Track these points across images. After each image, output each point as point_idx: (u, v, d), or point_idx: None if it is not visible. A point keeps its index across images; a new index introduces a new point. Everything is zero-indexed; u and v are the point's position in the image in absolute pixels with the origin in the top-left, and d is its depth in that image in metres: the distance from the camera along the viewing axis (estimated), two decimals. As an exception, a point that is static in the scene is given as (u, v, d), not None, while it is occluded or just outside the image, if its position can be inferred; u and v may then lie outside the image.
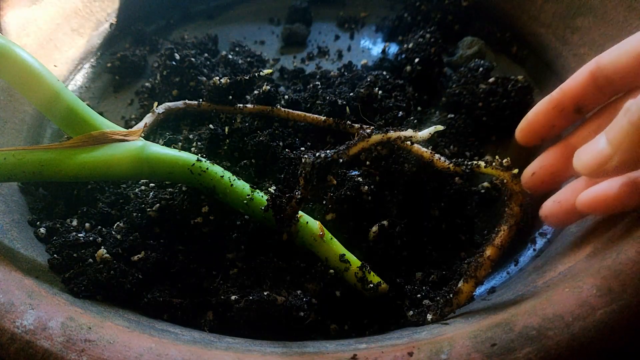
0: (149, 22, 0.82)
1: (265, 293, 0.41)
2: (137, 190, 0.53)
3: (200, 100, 0.57)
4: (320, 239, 0.44)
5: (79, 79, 0.72)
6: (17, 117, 0.59)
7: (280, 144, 0.54)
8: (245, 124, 0.56)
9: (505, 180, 0.42)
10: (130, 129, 0.47)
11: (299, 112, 0.56)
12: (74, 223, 0.51)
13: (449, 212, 0.52)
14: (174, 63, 0.64)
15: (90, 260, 0.45)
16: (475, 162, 0.43)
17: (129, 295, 0.44)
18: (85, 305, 0.40)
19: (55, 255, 0.46)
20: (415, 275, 0.47)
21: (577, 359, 0.31)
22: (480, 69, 0.64)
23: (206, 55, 0.68)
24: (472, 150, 0.59)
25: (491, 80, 0.62)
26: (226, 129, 0.56)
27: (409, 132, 0.43)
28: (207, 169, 0.45)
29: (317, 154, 0.39)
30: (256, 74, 0.57)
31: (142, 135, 0.48)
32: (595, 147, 0.35)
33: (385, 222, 0.48)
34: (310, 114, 0.56)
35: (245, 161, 0.53)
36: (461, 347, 0.32)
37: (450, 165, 0.44)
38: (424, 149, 0.46)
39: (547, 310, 0.33)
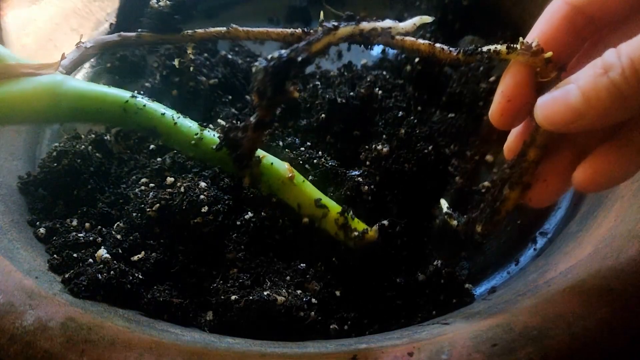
0: (148, 21, 0.82)
1: (265, 293, 0.41)
2: (137, 190, 0.52)
3: (140, 30, 0.49)
4: (289, 181, 0.39)
5: (79, 78, 0.72)
6: (16, 117, 0.59)
7: (280, 143, 0.54)
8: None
9: (538, 69, 0.34)
10: (44, 63, 0.41)
11: (260, 30, 0.48)
12: (74, 223, 0.51)
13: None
14: (173, 63, 0.63)
15: (90, 260, 0.45)
16: (493, 48, 0.36)
17: (129, 295, 0.44)
18: (85, 306, 0.39)
19: (55, 256, 0.46)
20: (417, 275, 0.47)
21: (578, 359, 0.31)
22: (481, 67, 0.63)
23: (205, 55, 0.68)
24: (473, 149, 0.59)
25: (492, 79, 0.62)
26: (176, 61, 0.52)
27: (387, 23, 0.35)
28: (144, 105, 0.39)
29: (270, 56, 0.31)
30: None
31: (63, 71, 0.42)
32: (563, 98, 0.30)
33: (385, 222, 0.48)
34: (274, 29, 0.48)
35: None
36: (462, 348, 0.32)
37: (460, 55, 0.37)
38: (421, 41, 0.39)
39: (548, 310, 0.33)
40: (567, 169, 0.34)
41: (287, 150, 0.53)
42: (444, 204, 0.41)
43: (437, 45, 0.36)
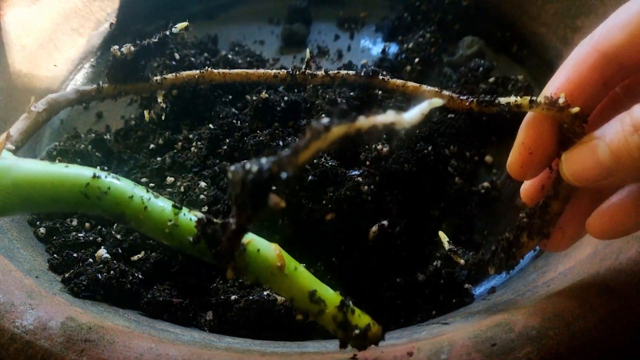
0: (148, 22, 0.82)
1: (265, 293, 0.41)
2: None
3: (100, 83, 0.44)
4: (279, 271, 0.32)
5: (79, 79, 0.72)
6: (16, 117, 0.59)
7: (280, 143, 0.54)
8: (245, 124, 0.56)
9: (565, 125, 0.32)
10: None
11: (239, 71, 0.44)
12: (74, 223, 0.51)
13: (449, 212, 0.51)
14: (173, 63, 0.63)
15: (90, 260, 0.45)
16: (513, 100, 0.33)
17: (129, 295, 0.44)
18: (85, 305, 0.40)
19: (55, 255, 0.46)
20: (417, 275, 0.47)
21: (578, 359, 0.31)
22: (481, 68, 0.64)
23: (206, 55, 0.68)
24: (472, 150, 0.59)
25: (491, 80, 0.63)
26: (146, 113, 0.48)
27: (389, 117, 0.28)
28: (109, 188, 0.33)
29: (248, 166, 0.26)
30: (167, 33, 0.43)
31: (12, 147, 0.37)
32: (591, 155, 0.29)
33: (385, 222, 0.48)
34: (255, 70, 0.44)
35: (245, 161, 0.53)
36: (461, 347, 0.32)
37: (473, 104, 0.35)
38: (427, 87, 0.36)
39: (547, 310, 0.33)
40: (584, 215, 0.33)
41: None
42: (444, 238, 0.40)
43: (445, 92, 0.33)
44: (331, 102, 0.56)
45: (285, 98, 0.58)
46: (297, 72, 0.43)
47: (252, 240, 0.32)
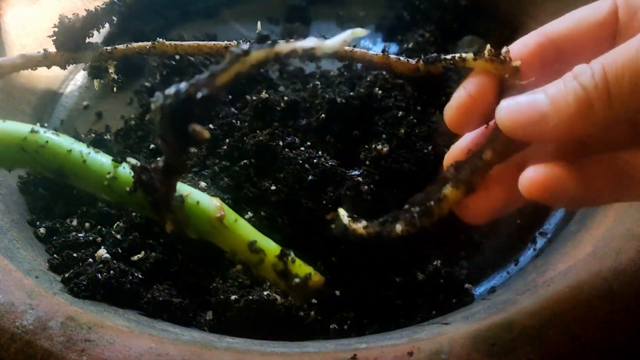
0: (147, 21, 0.82)
1: (265, 293, 0.41)
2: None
3: (45, 50, 0.43)
4: (219, 223, 0.32)
5: (79, 79, 0.72)
6: (16, 116, 0.59)
7: (280, 143, 0.54)
8: (244, 124, 0.56)
9: (506, 77, 0.33)
10: None
11: (190, 43, 0.44)
12: (74, 223, 0.51)
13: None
14: (173, 62, 0.63)
15: (90, 260, 0.45)
16: (458, 55, 0.34)
17: (129, 295, 0.44)
18: (85, 305, 0.40)
19: (55, 255, 0.46)
20: (417, 275, 0.47)
21: (577, 359, 0.31)
22: (480, 68, 0.63)
23: (205, 54, 0.68)
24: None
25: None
26: (95, 82, 0.48)
27: (309, 42, 0.28)
28: (47, 142, 0.32)
29: (167, 91, 0.26)
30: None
31: None
32: (528, 99, 0.30)
33: (385, 222, 0.48)
34: (206, 42, 0.43)
35: (245, 161, 0.53)
36: (461, 347, 0.32)
37: (419, 64, 0.35)
38: (373, 52, 0.36)
39: (547, 310, 0.33)
40: (513, 182, 0.31)
41: (287, 150, 0.53)
42: (342, 212, 0.37)
43: (392, 56, 0.33)
44: (331, 101, 0.56)
45: (285, 98, 0.58)
46: (248, 43, 0.42)
47: (191, 193, 0.32)
